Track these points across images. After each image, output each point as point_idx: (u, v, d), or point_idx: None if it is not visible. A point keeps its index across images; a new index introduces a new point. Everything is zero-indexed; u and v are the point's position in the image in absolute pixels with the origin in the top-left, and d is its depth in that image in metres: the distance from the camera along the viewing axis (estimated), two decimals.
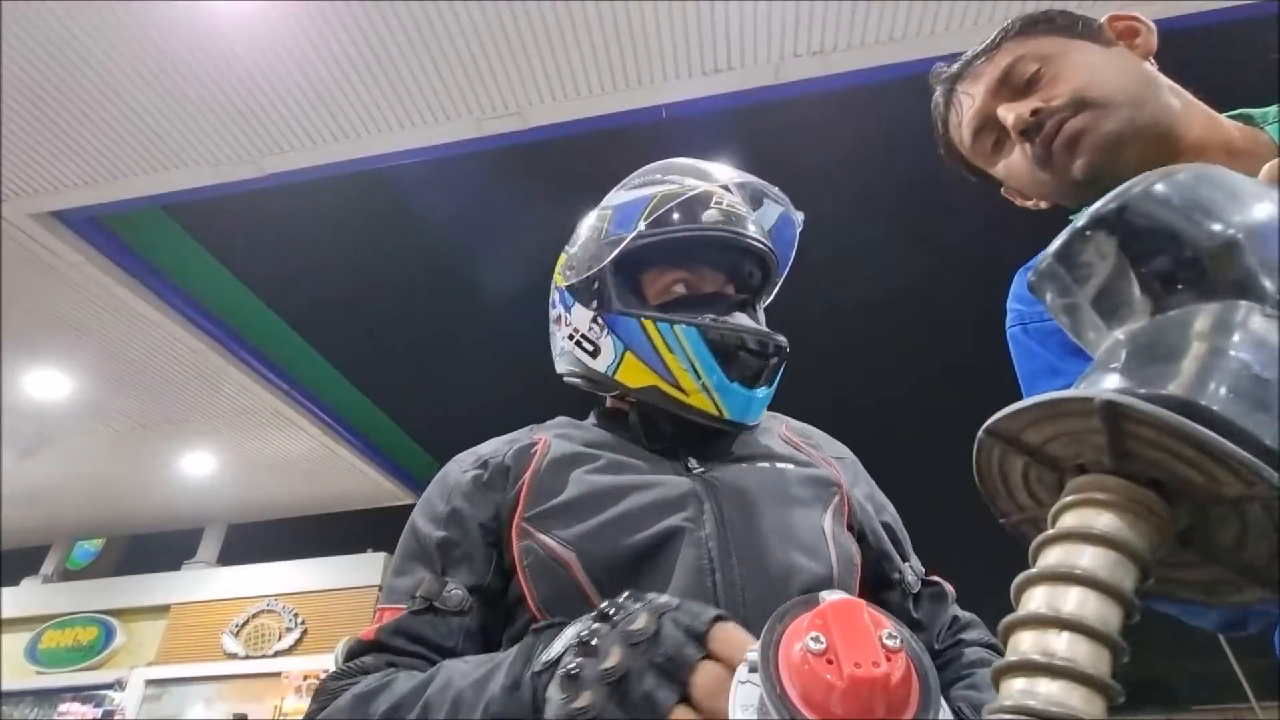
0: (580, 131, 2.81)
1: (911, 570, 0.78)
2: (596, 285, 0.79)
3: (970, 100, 0.76)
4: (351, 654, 0.64)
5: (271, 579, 5.74)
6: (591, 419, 0.87)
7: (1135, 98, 0.67)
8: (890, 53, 2.45)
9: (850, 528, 0.74)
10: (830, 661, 0.35)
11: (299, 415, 4.70)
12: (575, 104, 2.67)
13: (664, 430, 0.78)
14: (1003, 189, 0.83)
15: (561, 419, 0.86)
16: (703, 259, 0.81)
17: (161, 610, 5.79)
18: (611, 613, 0.45)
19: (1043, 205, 0.79)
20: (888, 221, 4.28)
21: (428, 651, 0.62)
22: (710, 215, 0.78)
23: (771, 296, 0.90)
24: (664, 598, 0.46)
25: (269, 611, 5.59)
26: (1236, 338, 0.29)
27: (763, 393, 0.77)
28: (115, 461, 5.14)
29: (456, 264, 4.46)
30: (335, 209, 3.88)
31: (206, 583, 5.86)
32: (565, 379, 0.87)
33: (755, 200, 0.89)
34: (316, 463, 5.28)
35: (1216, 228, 0.32)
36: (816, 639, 0.36)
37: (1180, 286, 0.32)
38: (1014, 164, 0.75)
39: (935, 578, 0.81)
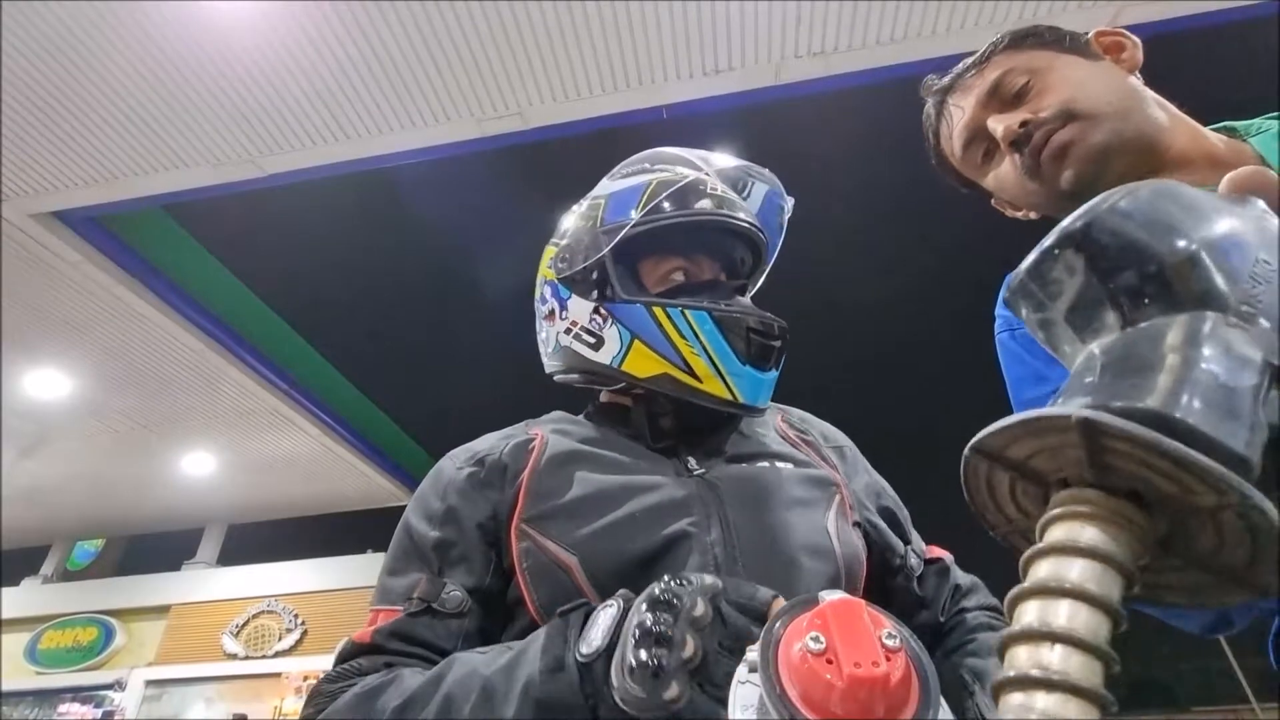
0: (581, 132, 2.81)
1: (914, 553, 0.79)
2: (596, 275, 0.78)
3: (960, 112, 0.78)
4: (345, 656, 0.62)
5: (271, 579, 5.74)
6: (585, 415, 0.85)
7: (1121, 110, 0.68)
8: (891, 54, 2.45)
9: (855, 524, 0.74)
10: (830, 661, 0.36)
11: (299, 415, 4.70)
12: (576, 104, 2.67)
13: (666, 426, 0.77)
14: (993, 200, 0.84)
15: (557, 414, 0.84)
16: (699, 246, 0.81)
17: (161, 611, 5.79)
18: (670, 599, 0.45)
19: (1032, 216, 0.81)
20: (888, 221, 4.28)
21: (427, 653, 0.61)
22: (705, 203, 0.78)
23: (759, 284, 0.90)
24: (708, 579, 0.47)
25: (269, 612, 5.59)
26: (1205, 349, 0.30)
27: (772, 375, 0.76)
28: (115, 462, 5.14)
29: (457, 264, 4.46)
30: (336, 209, 3.88)
31: (206, 583, 5.86)
32: (556, 378, 0.85)
33: (737, 184, 0.88)
34: (317, 463, 5.27)
35: (1179, 243, 0.33)
36: (816, 639, 0.37)
37: (1147, 300, 0.33)
38: (1003, 174, 0.76)
39: (936, 553, 0.81)
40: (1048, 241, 0.37)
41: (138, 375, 4.17)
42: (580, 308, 0.79)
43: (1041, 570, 0.29)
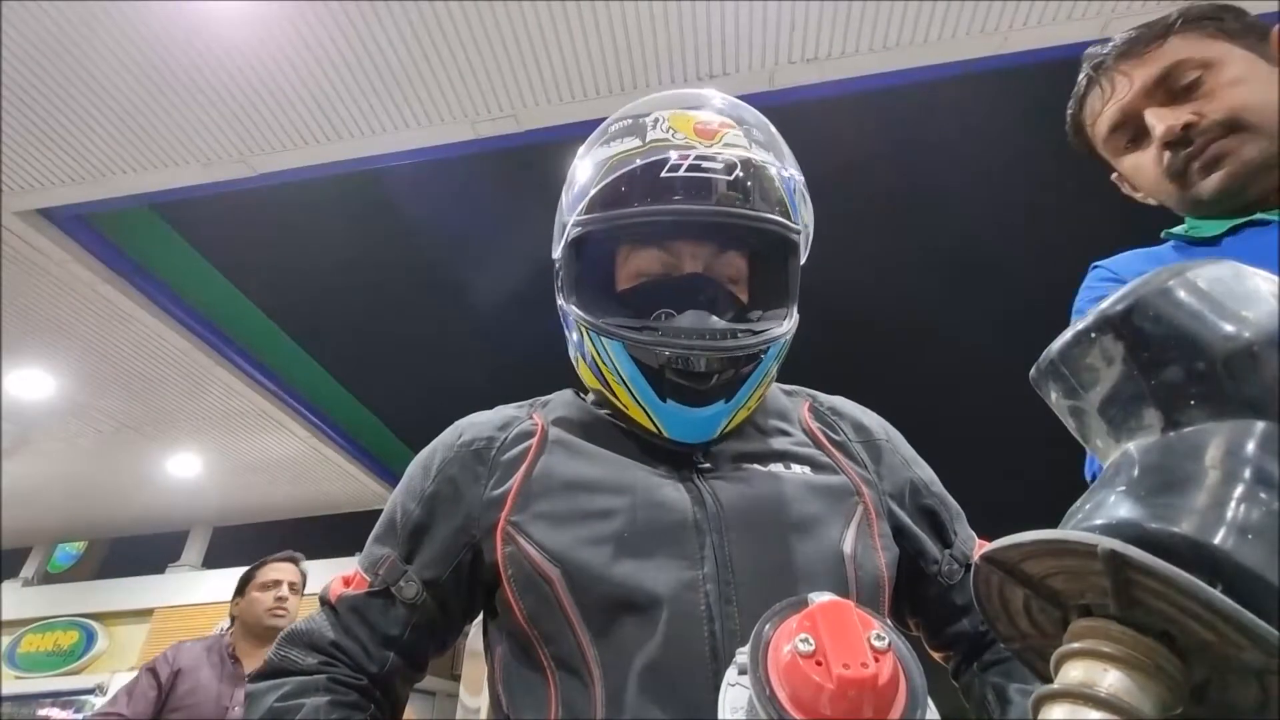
0: (575, 135, 2.81)
1: (953, 557, 0.72)
2: (556, 268, 0.74)
3: (1126, 85, 0.74)
4: (318, 608, 0.69)
5: None
6: (594, 395, 0.78)
7: None
8: (885, 60, 2.47)
9: (880, 534, 0.68)
10: (819, 663, 0.36)
11: (287, 417, 4.66)
12: (570, 107, 2.67)
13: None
14: (1114, 175, 0.84)
15: (566, 395, 0.79)
16: (673, 234, 0.69)
17: (144, 614, 5.71)
18: None
19: (1150, 202, 0.81)
20: (882, 229, 4.31)
21: (369, 639, 0.65)
22: (663, 185, 0.64)
23: (804, 255, 0.75)
24: None
25: None
26: (1254, 467, 0.26)
27: (711, 411, 0.66)
28: (99, 463, 5.07)
29: (448, 266, 4.44)
30: (327, 209, 3.86)
31: (191, 586, 5.79)
32: None
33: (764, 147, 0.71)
34: (304, 465, 5.23)
35: (1233, 337, 0.29)
36: (805, 640, 0.37)
37: (1193, 402, 0.29)
38: (1144, 165, 0.75)
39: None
40: (1083, 324, 0.33)
41: (123, 375, 4.12)
42: (559, 297, 0.76)
43: (1056, 714, 0.26)
